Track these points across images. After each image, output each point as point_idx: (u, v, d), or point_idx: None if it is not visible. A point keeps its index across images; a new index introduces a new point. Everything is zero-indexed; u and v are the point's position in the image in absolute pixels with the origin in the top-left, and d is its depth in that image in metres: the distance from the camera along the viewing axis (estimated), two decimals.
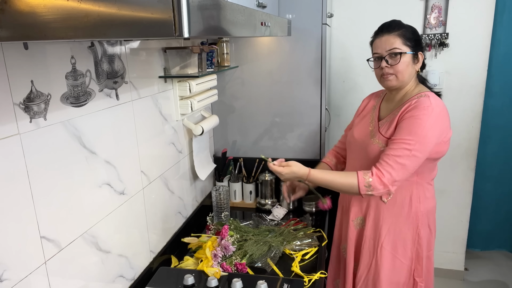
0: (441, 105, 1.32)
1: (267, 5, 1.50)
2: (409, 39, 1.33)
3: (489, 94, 2.45)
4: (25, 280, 0.86)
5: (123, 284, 1.24)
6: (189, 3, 0.59)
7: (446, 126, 1.33)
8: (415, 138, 1.26)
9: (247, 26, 0.98)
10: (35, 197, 0.87)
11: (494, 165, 2.65)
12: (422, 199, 1.40)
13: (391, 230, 1.42)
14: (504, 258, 2.88)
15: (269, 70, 1.95)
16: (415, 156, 1.27)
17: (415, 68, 1.37)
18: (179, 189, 1.66)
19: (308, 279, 1.33)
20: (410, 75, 1.37)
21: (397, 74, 1.35)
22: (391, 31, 1.34)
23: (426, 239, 1.44)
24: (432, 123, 1.27)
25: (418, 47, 1.36)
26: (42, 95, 0.88)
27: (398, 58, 1.32)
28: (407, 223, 1.41)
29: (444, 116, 1.32)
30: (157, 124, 1.44)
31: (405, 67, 1.34)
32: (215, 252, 1.39)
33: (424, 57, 1.39)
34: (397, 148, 1.28)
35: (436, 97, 1.35)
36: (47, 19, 0.57)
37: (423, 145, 1.27)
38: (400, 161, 1.26)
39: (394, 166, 1.27)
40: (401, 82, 1.37)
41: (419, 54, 1.36)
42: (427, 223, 1.44)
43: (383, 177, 1.27)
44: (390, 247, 1.43)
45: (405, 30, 1.34)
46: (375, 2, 2.37)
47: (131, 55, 1.24)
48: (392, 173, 1.27)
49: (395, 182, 1.28)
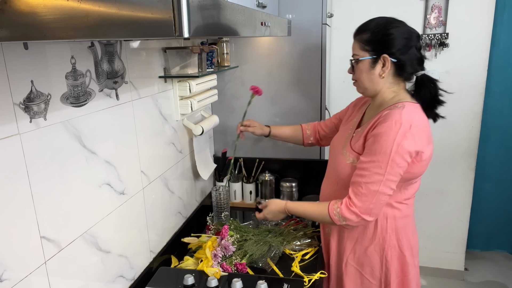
0: (415, 119, 1.15)
1: (267, 5, 1.50)
2: (368, 42, 1.19)
3: (489, 94, 2.45)
4: (25, 280, 0.86)
5: (123, 284, 1.24)
6: (189, 3, 0.59)
7: (422, 143, 1.15)
8: (383, 158, 1.12)
9: (247, 26, 0.98)
10: (35, 197, 0.87)
11: (494, 165, 2.65)
12: (390, 219, 1.26)
13: (356, 248, 1.31)
14: (504, 258, 2.88)
15: (269, 70, 1.95)
16: (388, 180, 1.13)
17: (380, 73, 1.20)
18: (179, 189, 1.66)
19: (308, 279, 1.33)
20: (372, 82, 1.22)
21: (358, 81, 1.26)
22: (355, 35, 1.25)
23: (396, 262, 1.28)
24: (400, 139, 1.11)
25: (379, 50, 1.19)
26: (42, 95, 0.88)
27: (356, 64, 1.24)
28: (372, 243, 1.28)
29: (417, 131, 1.13)
30: (157, 124, 1.44)
31: (362, 74, 1.22)
32: (215, 252, 1.39)
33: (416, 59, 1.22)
34: (368, 174, 1.15)
35: (413, 109, 1.18)
36: (47, 19, 0.57)
37: (395, 165, 1.12)
38: (373, 188, 1.14)
39: (367, 194, 1.14)
40: (364, 89, 1.26)
41: (382, 57, 1.18)
42: (397, 245, 1.27)
43: (352, 207, 1.17)
44: (356, 264, 1.32)
45: (366, 33, 1.21)
46: (375, 2, 2.38)
47: (131, 55, 1.24)
48: (365, 201, 1.15)
49: (371, 211, 1.16)
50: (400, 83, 1.25)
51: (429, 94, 1.23)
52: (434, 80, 1.25)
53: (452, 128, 2.46)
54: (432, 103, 1.25)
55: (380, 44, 1.19)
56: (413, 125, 1.13)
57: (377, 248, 1.28)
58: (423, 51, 2.37)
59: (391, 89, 1.24)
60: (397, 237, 1.27)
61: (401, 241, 1.28)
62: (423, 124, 1.18)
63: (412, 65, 1.21)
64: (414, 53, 1.21)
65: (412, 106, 1.19)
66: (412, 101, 1.22)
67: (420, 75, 1.24)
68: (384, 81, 1.22)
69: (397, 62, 1.19)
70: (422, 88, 1.24)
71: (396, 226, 1.27)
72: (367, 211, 1.17)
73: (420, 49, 1.24)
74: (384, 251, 1.28)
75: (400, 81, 1.24)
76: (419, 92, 1.24)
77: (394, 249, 1.28)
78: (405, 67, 1.20)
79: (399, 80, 1.24)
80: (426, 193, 2.62)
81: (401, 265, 1.29)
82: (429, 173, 2.57)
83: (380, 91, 1.24)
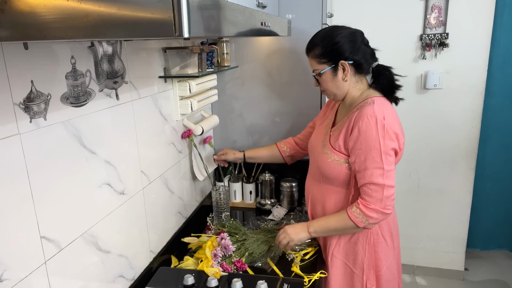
0: (387, 112, 1.25)
1: (267, 5, 1.50)
2: (322, 55, 1.29)
3: (489, 94, 2.45)
4: (25, 280, 0.86)
5: (123, 284, 1.24)
6: (189, 3, 0.59)
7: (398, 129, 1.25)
8: (377, 152, 1.20)
9: (247, 26, 0.98)
10: (35, 197, 0.87)
11: (494, 165, 2.65)
12: None
13: (341, 239, 1.38)
14: (504, 257, 2.88)
15: (269, 70, 1.95)
16: (388, 169, 1.21)
17: (342, 77, 1.30)
18: (179, 189, 1.66)
19: (308, 279, 1.33)
20: (339, 87, 1.32)
21: (326, 90, 1.35)
22: (308, 53, 1.34)
23: (378, 249, 1.36)
24: (381, 131, 1.21)
25: (335, 58, 1.28)
26: (42, 95, 0.88)
27: (319, 77, 1.33)
28: (356, 233, 1.35)
29: (391, 120, 1.23)
30: (157, 124, 1.44)
31: (328, 83, 1.32)
32: (215, 252, 1.39)
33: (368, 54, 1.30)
34: (370, 172, 1.22)
35: (383, 103, 1.27)
36: (47, 19, 0.57)
37: (387, 155, 1.21)
38: (380, 181, 1.21)
39: (376, 189, 1.22)
40: (334, 95, 1.36)
41: (340, 64, 1.28)
42: (380, 233, 1.36)
43: (370, 205, 1.23)
44: (341, 255, 1.39)
45: (317, 48, 1.30)
46: (375, 2, 2.37)
47: (131, 55, 1.24)
48: (377, 196, 1.22)
49: (386, 203, 1.23)
50: (363, 79, 1.35)
51: (387, 80, 1.34)
52: (388, 67, 1.35)
53: (452, 128, 2.46)
54: (391, 88, 1.35)
55: (333, 53, 1.28)
56: (386, 115, 1.23)
57: (360, 237, 1.35)
58: (423, 51, 2.37)
59: (357, 87, 1.34)
60: (379, 225, 1.34)
61: (383, 229, 1.36)
62: (394, 115, 1.29)
63: (367, 60, 1.31)
64: (364, 49, 1.31)
65: (381, 100, 1.29)
66: (378, 96, 1.31)
67: (375, 66, 1.35)
68: (348, 83, 1.32)
69: (354, 63, 1.29)
70: (379, 76, 1.35)
71: None
72: (383, 205, 1.23)
73: (367, 43, 1.34)
74: (367, 238, 1.35)
75: (362, 77, 1.34)
76: (378, 81, 1.35)
77: (377, 235, 1.36)
78: (362, 64, 1.30)
79: (361, 77, 1.34)
80: (426, 193, 2.62)
81: (385, 253, 1.38)
82: (429, 173, 2.59)
83: (347, 92, 1.34)
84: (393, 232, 1.40)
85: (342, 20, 2.42)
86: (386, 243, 1.38)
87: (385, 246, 1.38)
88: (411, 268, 2.77)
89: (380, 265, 1.37)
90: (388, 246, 1.38)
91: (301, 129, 1.98)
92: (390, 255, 1.40)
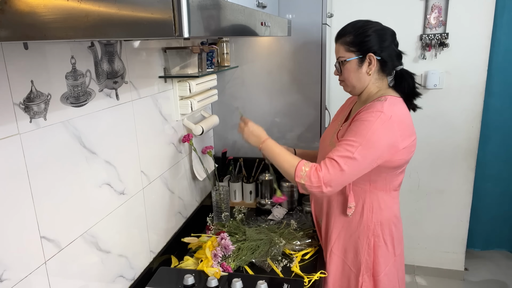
0: (396, 112, 1.22)
1: (267, 5, 1.50)
2: (352, 44, 1.28)
3: (489, 94, 2.46)
4: (25, 280, 0.86)
5: (123, 284, 1.24)
6: (189, 3, 0.59)
7: (400, 134, 1.21)
8: (358, 140, 1.19)
9: (247, 26, 0.98)
10: (35, 197, 0.87)
11: (494, 165, 2.65)
12: (376, 209, 1.32)
13: (341, 235, 1.37)
14: (504, 258, 2.88)
15: (269, 70, 1.95)
16: (356, 160, 1.18)
17: (367, 71, 1.29)
18: (179, 189, 1.66)
19: (308, 279, 1.33)
20: (360, 80, 1.31)
21: (346, 81, 1.34)
22: (337, 39, 1.32)
23: (378, 253, 1.34)
24: (378, 128, 1.18)
25: (364, 49, 1.27)
26: (42, 95, 0.88)
27: (343, 65, 1.31)
28: (357, 231, 1.34)
29: (396, 123, 1.20)
30: (157, 124, 1.44)
31: (350, 74, 1.30)
32: (215, 252, 1.39)
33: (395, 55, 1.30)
34: (341, 149, 1.21)
35: (395, 103, 1.25)
36: (47, 19, 0.57)
37: (366, 149, 1.18)
38: (341, 162, 1.19)
39: (334, 165, 1.20)
40: (352, 87, 1.34)
41: (367, 56, 1.27)
42: (381, 236, 1.33)
43: (319, 171, 1.21)
44: (340, 252, 1.39)
45: (348, 36, 1.29)
46: (375, 2, 2.37)
47: (131, 55, 1.24)
48: (331, 171, 1.20)
49: (330, 183, 1.20)
50: (384, 79, 1.33)
51: (408, 87, 1.33)
52: (411, 74, 1.34)
53: (452, 128, 2.46)
54: (411, 95, 1.34)
55: (364, 44, 1.27)
56: (393, 117, 1.20)
57: (361, 235, 1.34)
58: (423, 51, 2.37)
59: (376, 84, 1.33)
60: (381, 228, 1.34)
61: (385, 232, 1.34)
62: (403, 116, 1.25)
63: (393, 61, 1.31)
64: (393, 50, 1.30)
65: (394, 100, 1.27)
66: (394, 95, 1.29)
67: (399, 69, 1.33)
68: (370, 77, 1.31)
69: (381, 59, 1.28)
70: (402, 81, 1.33)
71: (381, 217, 1.33)
72: (328, 182, 1.20)
73: (397, 45, 1.33)
74: (367, 238, 1.34)
75: (384, 77, 1.33)
76: (399, 85, 1.34)
77: (378, 238, 1.34)
78: (387, 63, 1.30)
79: (382, 76, 1.33)
80: (426, 193, 2.62)
81: (384, 258, 1.35)
82: (429, 173, 2.59)
83: (366, 87, 1.33)
84: (394, 237, 1.36)
85: (342, 20, 2.42)
86: (387, 248, 1.35)
87: (385, 251, 1.35)
88: (411, 268, 2.77)
89: (379, 269, 1.35)
90: (389, 252, 1.35)
91: (301, 129, 1.99)
92: (390, 261, 1.36)
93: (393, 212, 1.36)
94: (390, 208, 1.35)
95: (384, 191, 1.33)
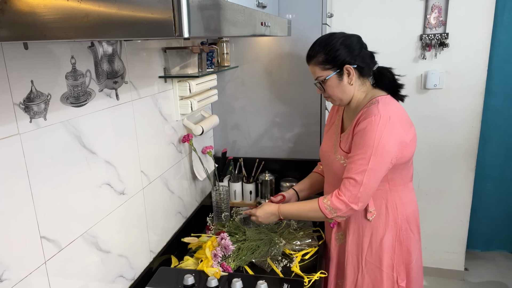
0: (393, 110, 1.26)
1: (267, 5, 1.50)
2: (326, 62, 1.29)
3: (489, 94, 2.45)
4: (25, 280, 0.86)
5: (123, 284, 1.24)
6: (189, 3, 0.59)
7: (403, 130, 1.26)
8: (368, 151, 1.22)
9: (247, 26, 0.98)
10: (35, 197, 0.87)
11: (494, 165, 2.65)
12: (399, 205, 1.36)
13: (372, 241, 1.38)
14: (504, 258, 2.88)
15: (269, 70, 1.95)
16: (372, 169, 1.22)
17: (348, 81, 1.31)
18: (179, 189, 1.66)
19: (308, 279, 1.33)
20: (345, 92, 1.33)
21: (331, 96, 1.36)
22: (309, 61, 1.35)
23: (408, 244, 1.39)
24: (382, 132, 1.21)
25: (339, 63, 1.29)
26: (42, 95, 0.88)
27: (324, 83, 1.33)
28: (386, 232, 1.36)
29: (397, 121, 1.24)
30: (157, 124, 1.44)
31: (334, 89, 1.33)
32: (215, 252, 1.39)
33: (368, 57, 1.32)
34: (354, 166, 1.24)
35: (388, 102, 1.28)
36: (47, 19, 0.57)
37: (378, 156, 1.21)
38: (358, 178, 1.23)
39: (353, 183, 1.24)
40: (340, 100, 1.36)
41: (344, 68, 1.29)
42: (408, 228, 1.39)
43: (341, 196, 1.25)
44: (374, 260, 1.38)
45: (319, 55, 1.30)
46: (375, 2, 2.37)
47: (131, 55, 1.24)
48: (352, 190, 1.24)
49: (357, 200, 1.24)
50: (366, 82, 1.36)
51: (389, 81, 1.36)
52: (388, 68, 1.37)
53: (452, 128, 2.46)
54: (394, 88, 1.37)
55: (337, 58, 1.29)
56: (392, 116, 1.23)
57: (390, 236, 1.36)
58: (423, 51, 2.37)
59: (361, 90, 1.35)
60: (407, 221, 1.38)
61: (411, 224, 1.39)
62: (400, 112, 1.29)
63: (368, 64, 1.34)
64: (365, 53, 1.33)
65: (385, 99, 1.30)
66: (382, 95, 1.32)
67: (376, 68, 1.37)
68: (353, 86, 1.33)
69: (357, 66, 1.31)
70: (382, 78, 1.36)
71: (406, 211, 1.38)
72: (355, 200, 1.25)
73: (366, 47, 1.36)
74: (397, 235, 1.37)
75: (365, 80, 1.36)
76: (381, 82, 1.37)
77: (406, 231, 1.38)
78: (364, 68, 1.33)
79: (364, 80, 1.36)
80: (426, 193, 2.62)
81: (413, 246, 1.41)
82: (429, 173, 2.59)
83: (353, 96, 1.35)
84: (418, 224, 1.44)
85: (342, 20, 2.42)
86: (414, 237, 1.41)
87: (414, 240, 1.41)
88: None
89: (410, 259, 1.40)
90: (416, 240, 1.42)
91: (301, 129, 1.99)
92: (417, 247, 1.43)
93: (414, 202, 1.42)
94: (411, 200, 1.40)
95: (403, 185, 1.37)
